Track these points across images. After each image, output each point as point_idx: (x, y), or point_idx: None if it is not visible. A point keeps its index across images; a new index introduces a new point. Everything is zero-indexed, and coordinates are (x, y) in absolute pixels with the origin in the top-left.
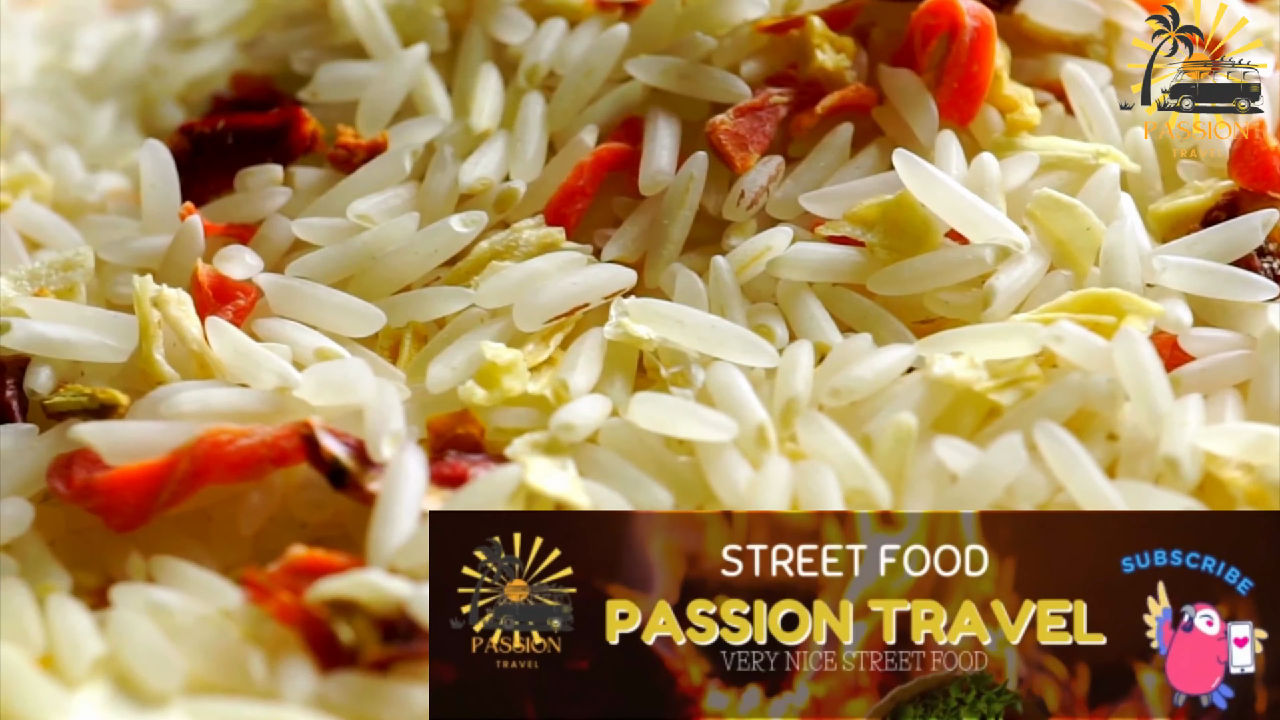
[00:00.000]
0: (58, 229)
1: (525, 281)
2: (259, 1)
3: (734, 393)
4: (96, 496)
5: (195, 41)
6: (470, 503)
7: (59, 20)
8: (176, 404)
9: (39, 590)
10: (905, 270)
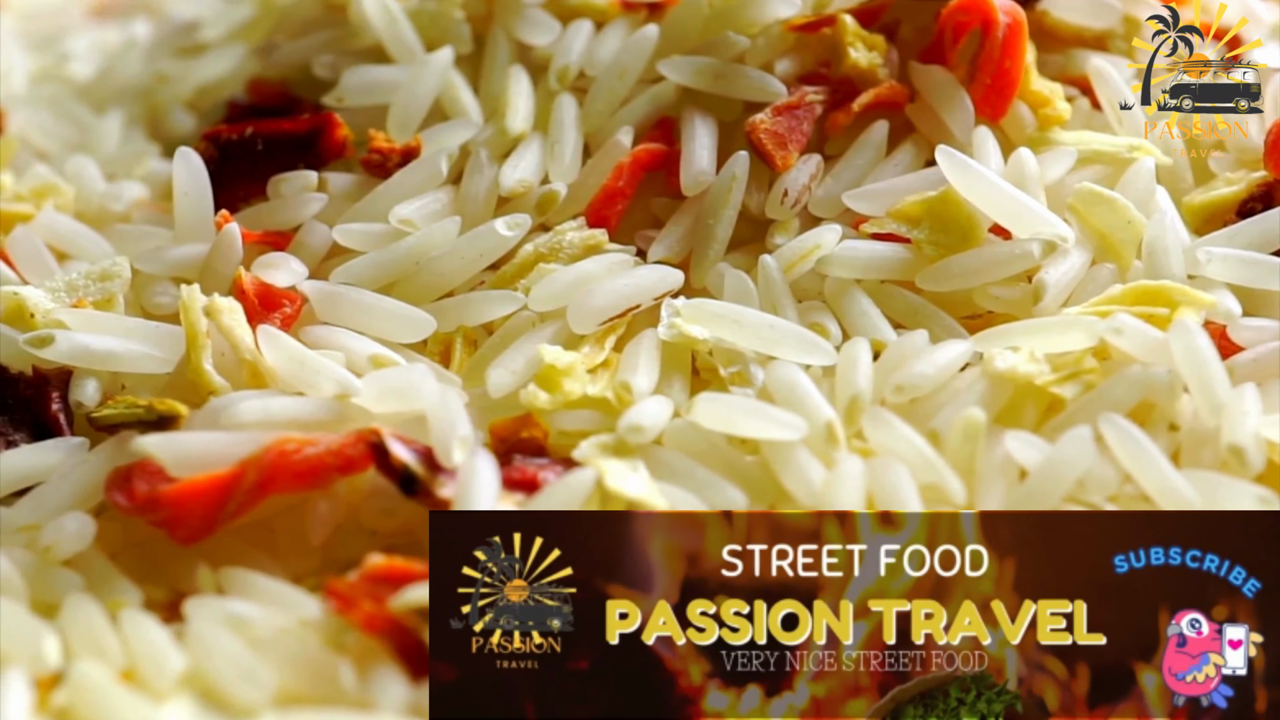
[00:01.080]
0: (87, 239)
1: (576, 284)
2: (265, 6)
3: (797, 391)
4: (162, 509)
5: (201, 48)
6: (549, 507)
7: (35, 25)
8: (238, 414)
9: (109, 605)
10: (954, 266)
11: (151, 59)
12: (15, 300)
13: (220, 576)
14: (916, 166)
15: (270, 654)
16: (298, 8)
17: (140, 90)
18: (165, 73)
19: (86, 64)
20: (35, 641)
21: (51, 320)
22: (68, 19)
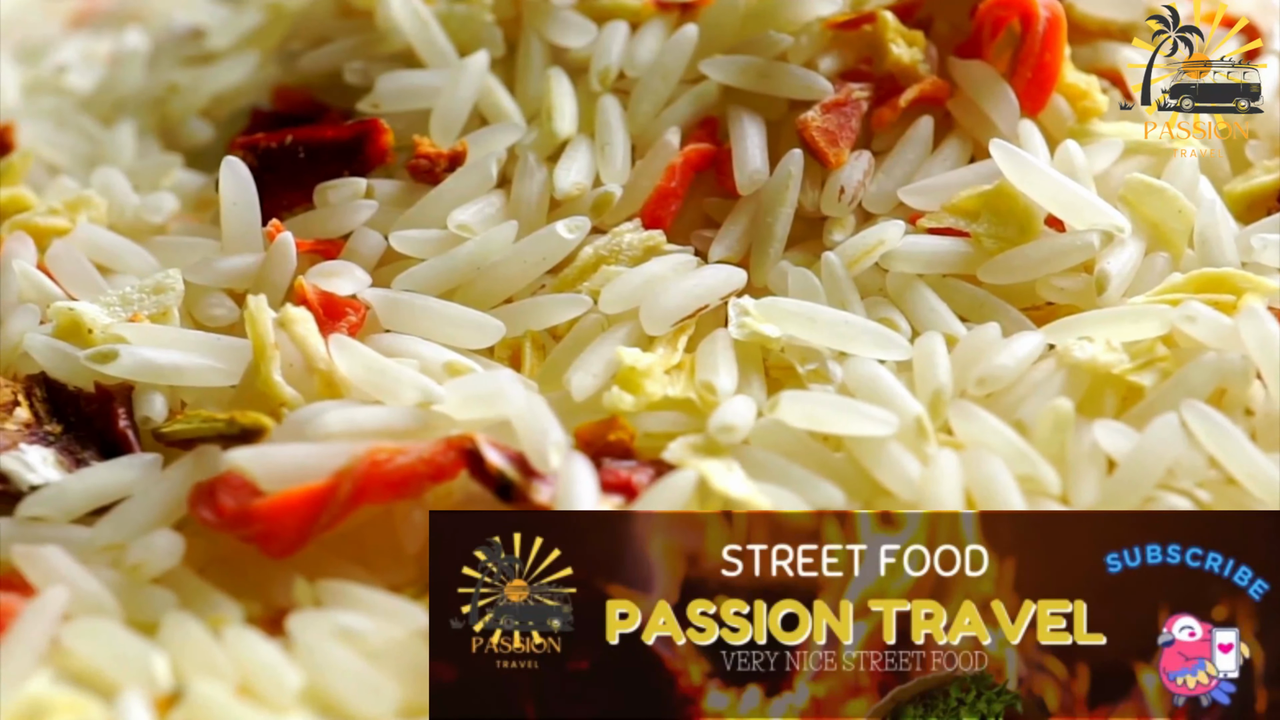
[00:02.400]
0: (130, 252)
1: (645, 286)
2: (274, 12)
3: (880, 386)
4: (256, 523)
5: (209, 56)
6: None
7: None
8: (324, 425)
9: (210, 622)
10: (1016, 258)
11: (156, 69)
12: (71, 316)
13: (317, 590)
14: (963, 161)
15: (386, 666)
16: (311, 13)
17: (149, 100)
18: (175, 82)
19: (84, 75)
20: (143, 662)
21: (111, 335)
22: (46, 29)
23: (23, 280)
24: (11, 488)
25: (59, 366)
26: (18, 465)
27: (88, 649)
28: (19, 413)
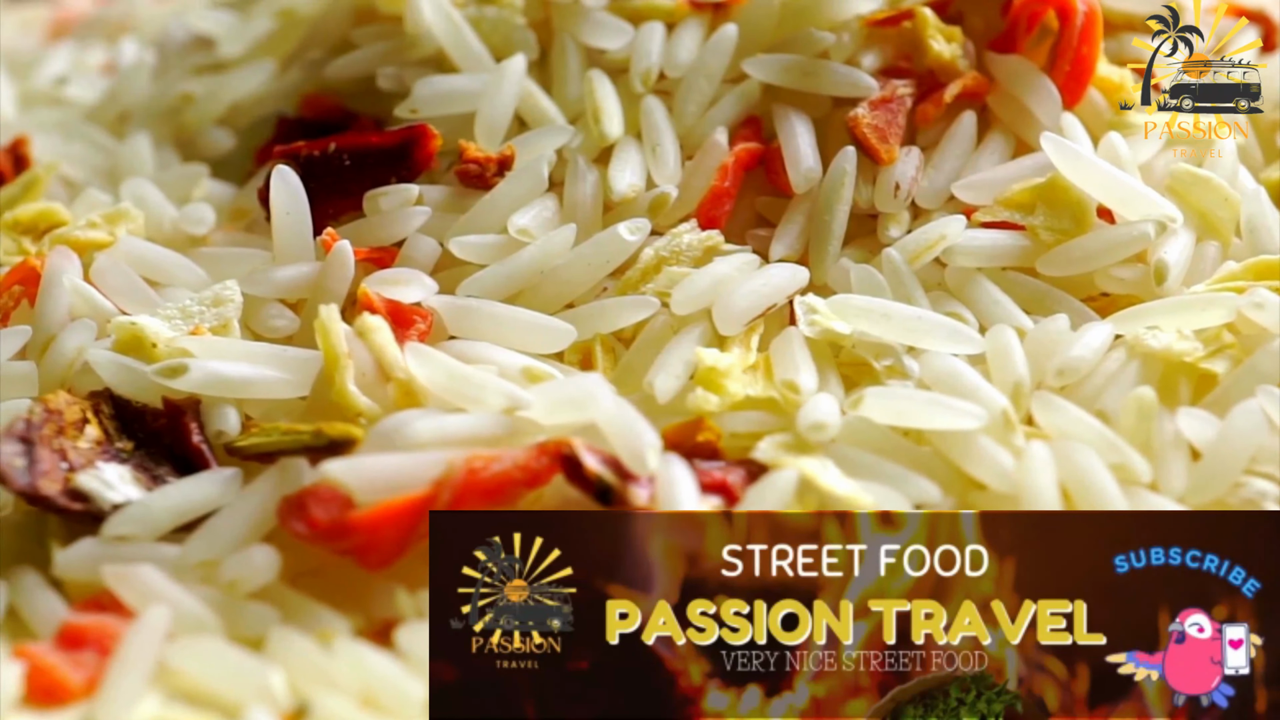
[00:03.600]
0: (177, 264)
1: (714, 286)
2: (286, 19)
3: (962, 380)
4: (354, 535)
5: (222, 65)
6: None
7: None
8: (414, 434)
9: (318, 636)
10: (1075, 250)
11: (162, 78)
12: (132, 330)
13: (419, 600)
14: (1008, 155)
15: None
16: (328, 19)
17: (161, 111)
18: (189, 92)
19: (84, 87)
20: (260, 679)
21: (176, 349)
22: (23, 41)
23: (74, 295)
24: (93, 507)
25: (124, 382)
26: (98, 484)
27: (197, 668)
28: (89, 430)
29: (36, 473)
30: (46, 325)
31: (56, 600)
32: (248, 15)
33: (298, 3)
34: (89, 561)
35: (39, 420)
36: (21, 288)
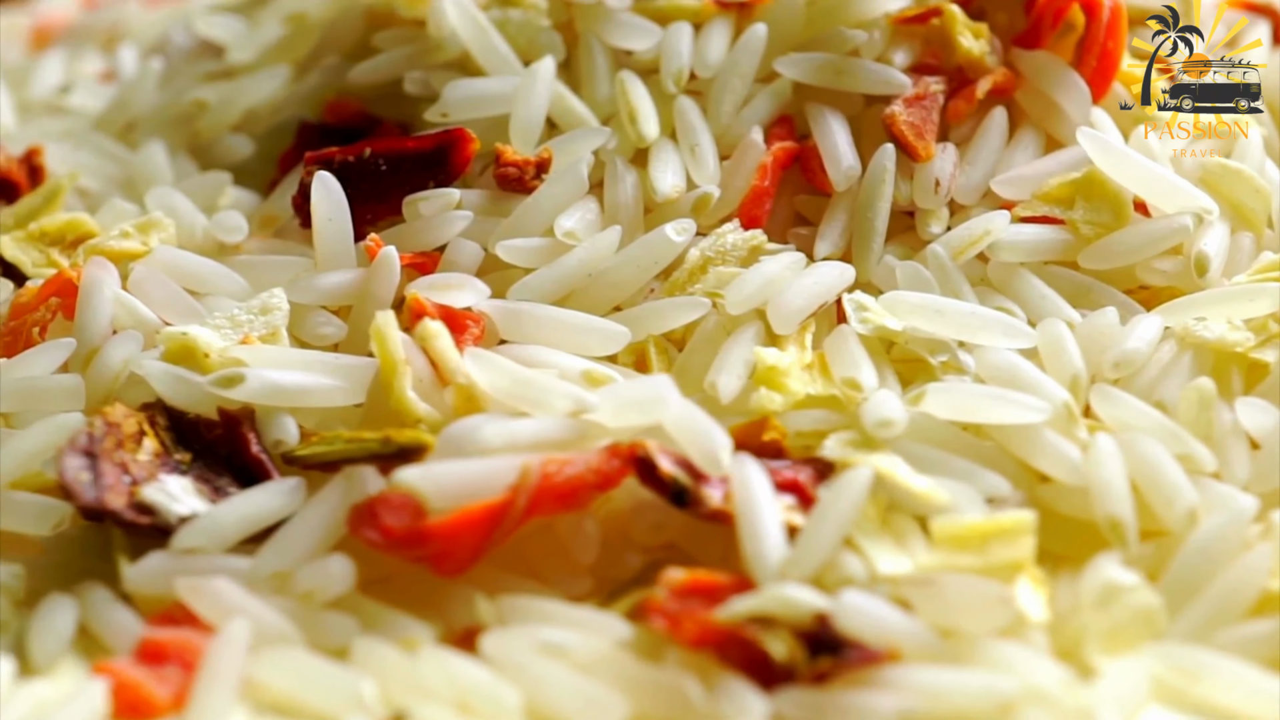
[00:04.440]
0: (216, 273)
1: (766, 286)
2: (297, 24)
3: (1020, 374)
4: (432, 542)
5: (232, 71)
6: (840, 510)
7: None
8: (484, 440)
9: (402, 644)
10: (1116, 243)
11: (173, 85)
12: (183, 341)
13: (499, 606)
14: (1039, 150)
15: (602, 679)
16: (340, 24)
17: (171, 118)
18: (202, 99)
19: (89, 96)
20: (351, 689)
21: (229, 359)
22: (9, 49)
23: (117, 307)
24: (159, 520)
25: (176, 393)
26: (162, 497)
27: (284, 680)
28: (146, 443)
29: (102, 486)
30: (88, 338)
31: (129, 615)
32: (255, 21)
33: (308, 7)
34: (160, 575)
35: (100, 433)
36: (59, 299)
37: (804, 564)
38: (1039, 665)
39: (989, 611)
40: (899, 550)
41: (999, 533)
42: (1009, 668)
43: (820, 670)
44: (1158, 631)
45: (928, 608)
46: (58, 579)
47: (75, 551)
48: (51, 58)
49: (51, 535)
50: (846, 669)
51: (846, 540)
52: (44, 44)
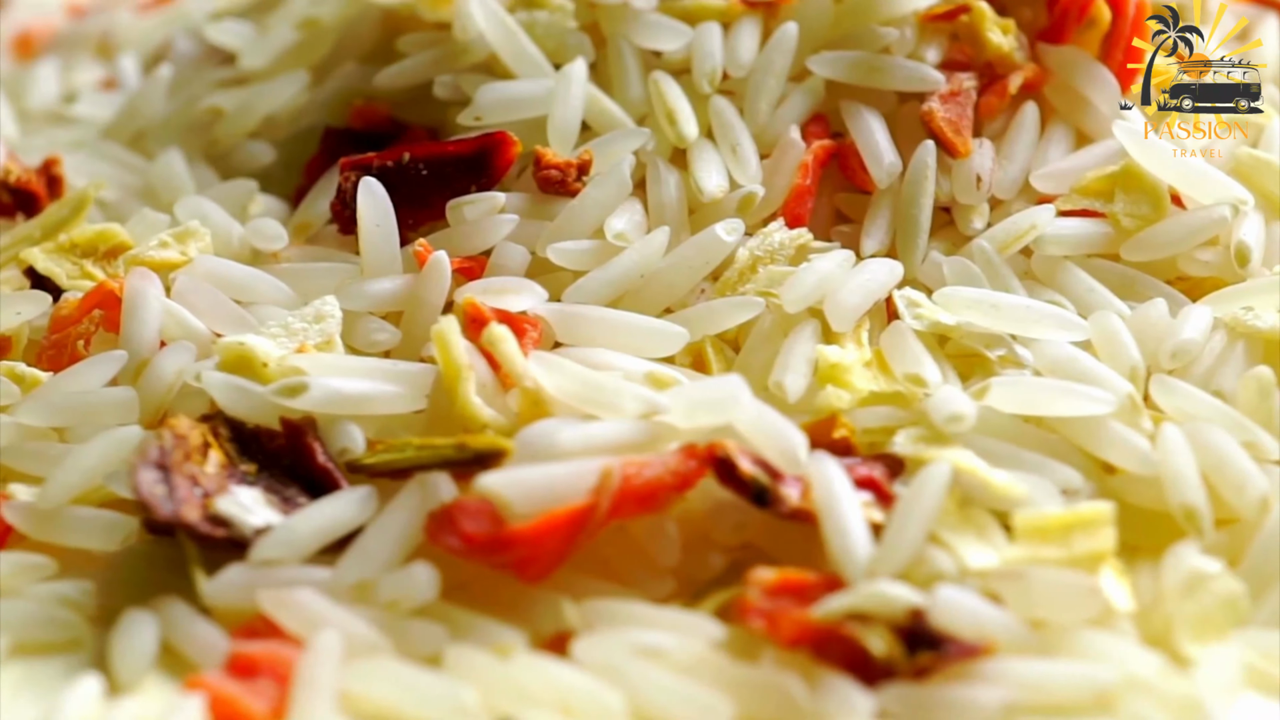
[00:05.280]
0: (261, 281)
1: (821, 284)
2: (310, 28)
3: (1081, 367)
4: (517, 548)
5: (245, 78)
6: (923, 505)
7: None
8: (561, 444)
9: (495, 650)
10: (1158, 235)
11: (184, 93)
12: (240, 350)
13: (585, 611)
14: (1071, 144)
15: (703, 681)
16: (355, 28)
17: (187, 126)
18: (218, 106)
19: (95, 105)
20: (451, 697)
21: (288, 368)
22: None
23: (166, 318)
24: (234, 532)
25: (237, 404)
26: (236, 508)
27: (381, 691)
28: (212, 455)
29: (177, 500)
30: (136, 349)
31: (212, 629)
32: (265, 26)
33: (321, 12)
34: (240, 588)
35: (170, 446)
36: (102, 311)
37: (892, 560)
38: (1134, 655)
39: (1078, 602)
40: (983, 544)
41: (1080, 524)
42: (1104, 658)
43: (921, 665)
44: (1243, 618)
45: (1017, 600)
46: (127, 594)
47: (142, 566)
48: (44, 67)
49: (118, 551)
50: (946, 664)
51: (931, 535)
52: (28, 52)
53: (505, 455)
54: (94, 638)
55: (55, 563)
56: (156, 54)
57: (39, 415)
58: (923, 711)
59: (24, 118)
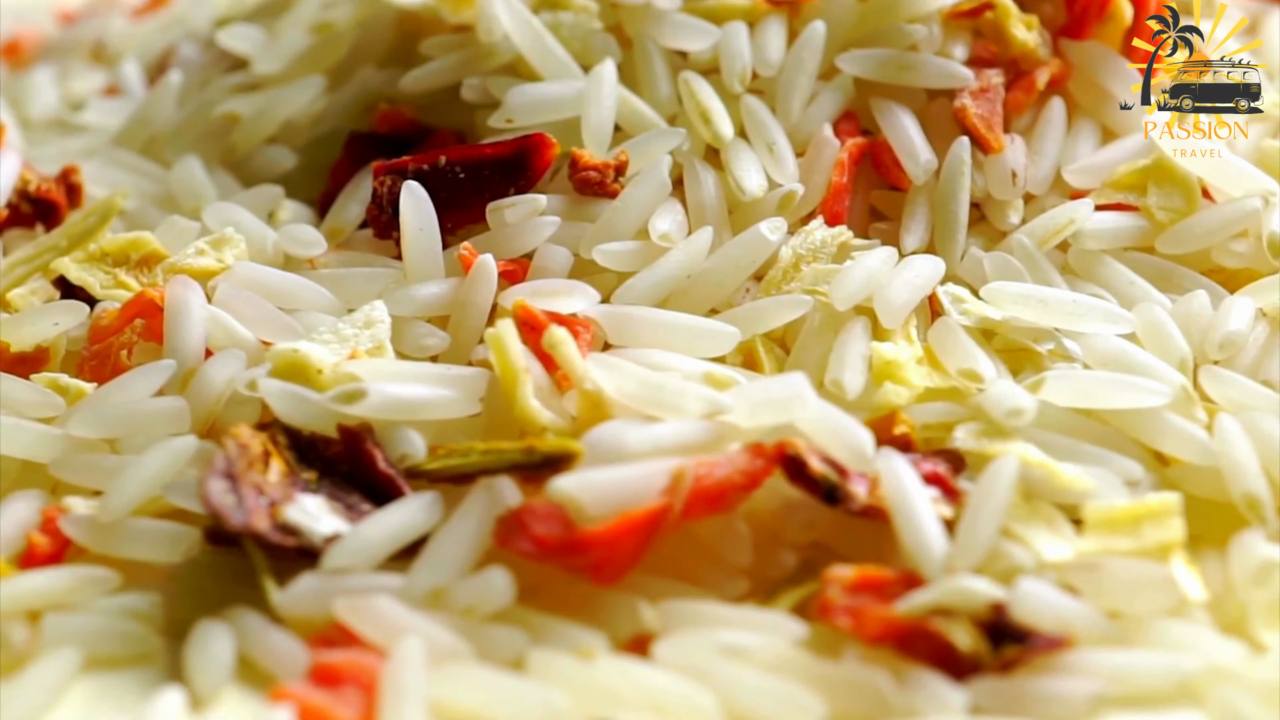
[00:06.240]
0: (303, 287)
1: (869, 281)
2: (324, 32)
3: (1132, 359)
4: (593, 550)
5: (259, 83)
6: (994, 504)
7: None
8: (629, 445)
9: (577, 653)
10: (1194, 227)
11: (196, 99)
12: (294, 358)
13: (662, 612)
14: (1097, 139)
15: (791, 679)
16: (370, 32)
17: (202, 132)
18: (235, 111)
19: (103, 113)
20: (542, 703)
21: (344, 375)
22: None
23: (212, 325)
24: (304, 541)
25: (294, 411)
26: (304, 517)
27: (469, 697)
28: (273, 464)
29: (246, 509)
30: (182, 358)
31: (289, 639)
32: (276, 31)
33: (335, 16)
34: (313, 597)
35: (235, 455)
36: (143, 321)
37: (969, 555)
38: (1215, 643)
39: (1154, 593)
40: (1054, 537)
41: (1149, 515)
42: (1185, 647)
43: (1007, 659)
44: None
45: (1093, 592)
46: (193, 606)
47: (206, 577)
48: (39, 74)
49: (181, 562)
50: (1032, 657)
51: (1003, 529)
52: (18, 60)
53: (576, 458)
54: (165, 650)
55: (120, 575)
56: (158, 60)
57: (90, 427)
58: (1013, 705)
59: (26, 126)
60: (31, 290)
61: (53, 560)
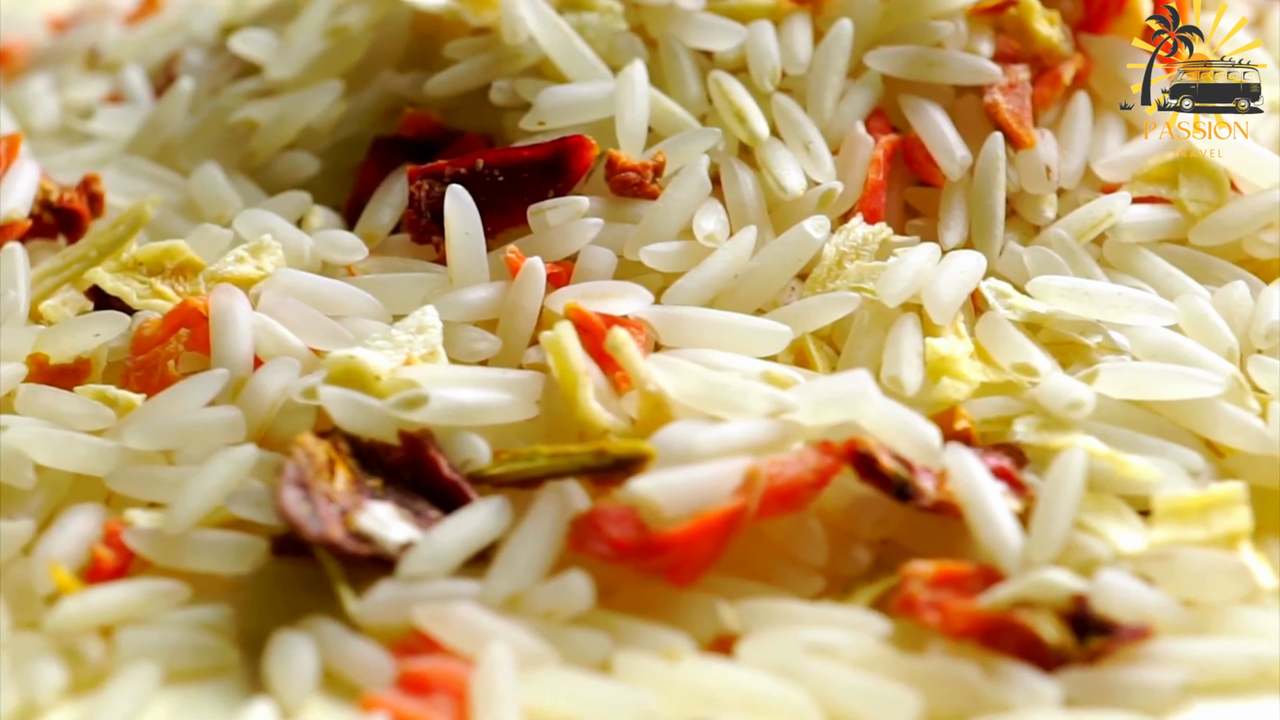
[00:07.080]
0: (348, 294)
1: (917, 277)
2: (338, 36)
3: (1182, 351)
4: (671, 551)
5: (274, 89)
6: (1067, 496)
7: None
8: (699, 446)
9: (663, 655)
10: (1227, 219)
11: (208, 105)
12: (350, 364)
13: (742, 612)
14: (1122, 133)
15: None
16: (386, 36)
17: (218, 139)
18: (252, 117)
19: (110, 121)
20: (636, 704)
21: (401, 381)
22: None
23: (260, 333)
24: (377, 549)
25: (353, 419)
26: (375, 525)
27: (562, 702)
28: (339, 472)
29: (320, 518)
30: (231, 367)
31: (372, 648)
32: (287, 36)
33: (349, 20)
34: (391, 605)
35: (304, 464)
36: (188, 330)
37: (1045, 548)
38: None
39: (1228, 581)
40: (1126, 528)
41: (1217, 504)
42: (1264, 635)
43: (1093, 650)
44: None
45: (1168, 582)
46: (263, 617)
47: (275, 587)
48: (36, 83)
49: (249, 573)
50: (1117, 647)
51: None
52: (9, 68)
53: (649, 460)
54: (241, 662)
55: (189, 588)
56: (161, 67)
57: (145, 438)
58: (1103, 696)
59: (29, 136)
60: (63, 301)
61: (118, 574)
